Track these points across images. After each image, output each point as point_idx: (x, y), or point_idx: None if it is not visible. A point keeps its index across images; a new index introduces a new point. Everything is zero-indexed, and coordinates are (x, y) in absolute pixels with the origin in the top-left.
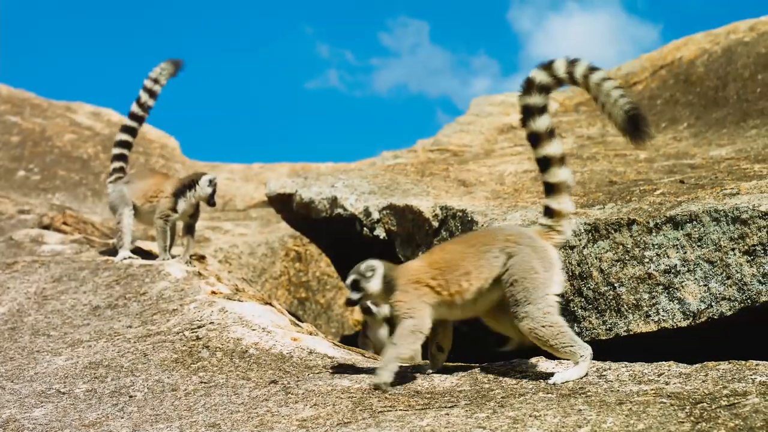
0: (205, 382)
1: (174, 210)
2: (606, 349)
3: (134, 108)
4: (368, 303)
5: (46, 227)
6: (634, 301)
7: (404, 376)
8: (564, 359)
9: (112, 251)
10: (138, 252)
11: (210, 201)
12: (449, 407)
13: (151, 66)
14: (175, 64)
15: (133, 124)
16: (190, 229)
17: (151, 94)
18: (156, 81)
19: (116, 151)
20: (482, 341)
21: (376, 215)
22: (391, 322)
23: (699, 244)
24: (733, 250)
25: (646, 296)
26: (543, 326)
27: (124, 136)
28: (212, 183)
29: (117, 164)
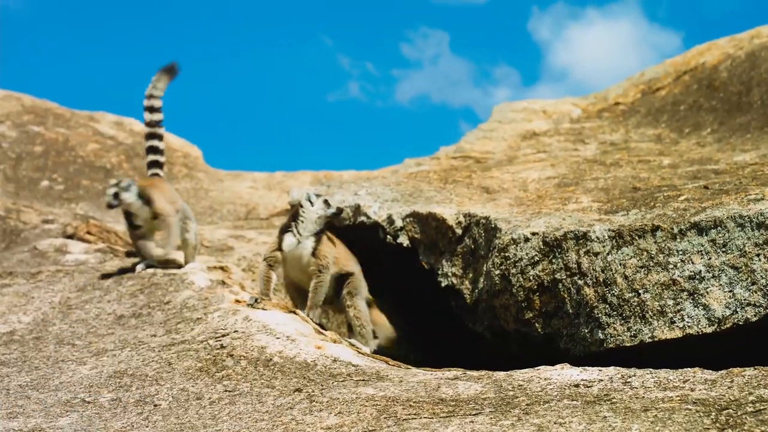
0: (229, 391)
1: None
2: (631, 356)
3: (147, 125)
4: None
5: (70, 237)
6: (659, 308)
7: (428, 383)
8: None
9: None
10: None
11: None
12: (474, 415)
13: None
14: (168, 72)
15: (154, 133)
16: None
17: (152, 110)
18: (151, 96)
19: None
20: (506, 348)
21: (399, 223)
22: None
23: (724, 249)
24: (758, 255)
25: (671, 302)
26: None
27: (153, 142)
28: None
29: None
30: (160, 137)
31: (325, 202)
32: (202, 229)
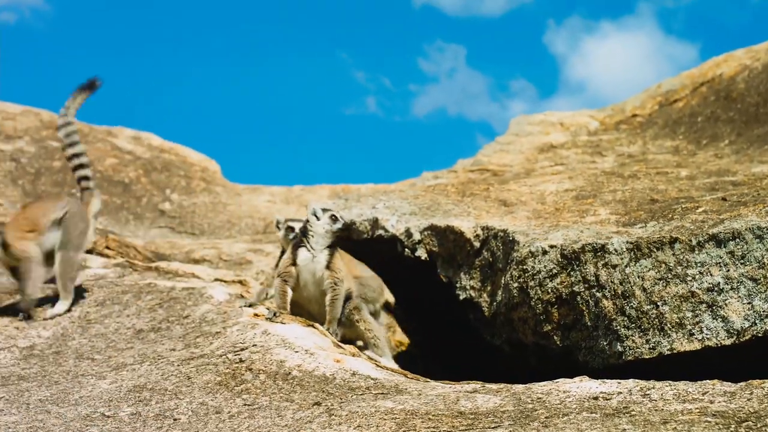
0: (248, 405)
1: None
2: (650, 368)
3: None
4: None
5: (89, 251)
6: (678, 320)
7: (446, 396)
8: None
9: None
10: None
11: None
12: (493, 428)
13: (192, 90)
14: (84, 90)
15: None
16: None
17: (67, 128)
18: (65, 115)
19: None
20: (524, 360)
21: (417, 236)
22: None
23: (742, 261)
24: None
25: (690, 314)
26: None
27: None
28: None
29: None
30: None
31: (332, 217)
32: (219, 243)
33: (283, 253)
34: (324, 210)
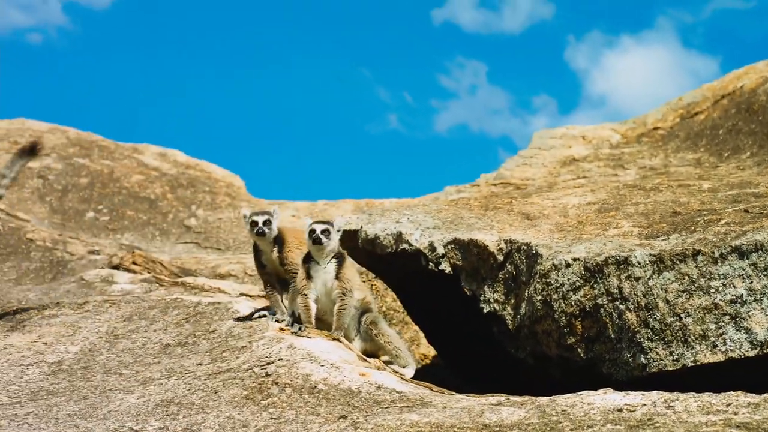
0: (275, 418)
1: None
2: (673, 380)
3: None
4: None
5: (116, 267)
6: (701, 332)
7: (471, 409)
8: None
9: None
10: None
11: None
12: None
13: (214, 107)
14: (25, 155)
15: None
16: None
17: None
18: (3, 177)
19: None
20: (548, 373)
21: (441, 250)
22: None
23: (765, 273)
24: None
25: (713, 326)
26: None
27: None
28: None
29: None
30: None
31: (325, 231)
32: (245, 257)
33: (255, 248)
34: (314, 223)
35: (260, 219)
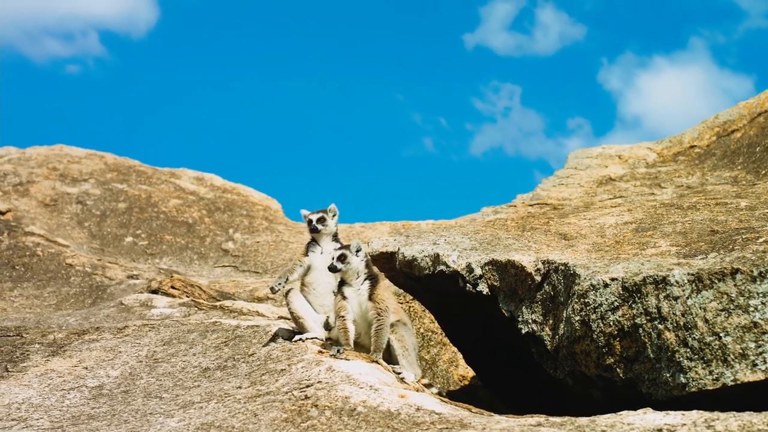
0: None
1: None
2: (714, 399)
3: None
4: None
5: (155, 291)
6: (741, 350)
7: (511, 430)
8: None
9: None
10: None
11: None
12: None
13: (251, 132)
14: None
15: None
16: None
17: None
18: None
19: None
20: (586, 393)
21: (478, 271)
22: None
23: None
24: None
25: (752, 345)
26: None
27: None
28: None
29: None
30: None
31: (341, 256)
32: None
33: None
34: (340, 248)
35: (314, 217)
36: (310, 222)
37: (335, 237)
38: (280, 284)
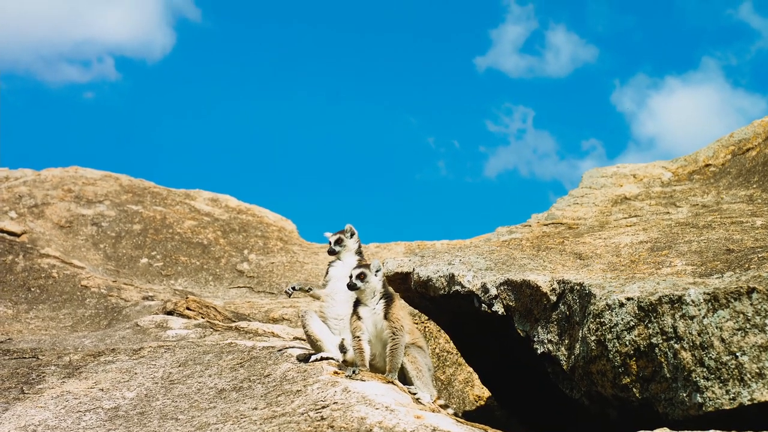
0: None
1: None
2: (730, 419)
3: None
4: None
5: (170, 312)
6: (758, 370)
7: None
8: None
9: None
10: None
11: None
12: None
13: (271, 153)
14: None
15: None
16: None
17: None
18: None
19: None
20: (602, 413)
21: (493, 291)
22: None
23: None
24: None
25: None
26: None
27: None
28: None
29: None
30: None
31: (360, 275)
32: (297, 302)
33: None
34: (364, 265)
35: (333, 239)
36: (329, 244)
37: (359, 252)
38: (293, 288)
